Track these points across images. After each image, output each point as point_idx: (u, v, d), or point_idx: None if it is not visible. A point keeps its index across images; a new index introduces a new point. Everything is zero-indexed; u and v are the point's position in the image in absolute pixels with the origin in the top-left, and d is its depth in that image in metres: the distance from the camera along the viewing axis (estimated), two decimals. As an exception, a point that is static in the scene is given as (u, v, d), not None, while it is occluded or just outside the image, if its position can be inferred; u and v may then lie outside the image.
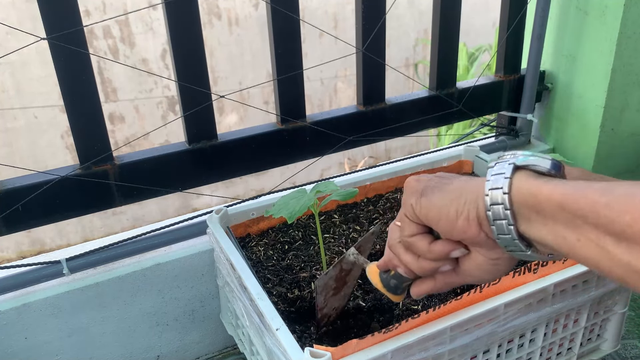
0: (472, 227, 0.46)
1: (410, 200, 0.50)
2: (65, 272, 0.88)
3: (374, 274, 0.62)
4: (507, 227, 0.44)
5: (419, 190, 0.50)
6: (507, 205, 0.43)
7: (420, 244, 0.51)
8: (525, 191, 0.43)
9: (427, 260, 0.52)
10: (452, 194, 0.48)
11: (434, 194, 0.49)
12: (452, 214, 0.47)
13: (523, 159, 0.44)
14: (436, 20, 1.11)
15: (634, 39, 1.13)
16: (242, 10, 2.94)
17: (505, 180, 0.44)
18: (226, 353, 1.05)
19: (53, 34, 0.77)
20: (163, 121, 2.94)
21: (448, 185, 0.49)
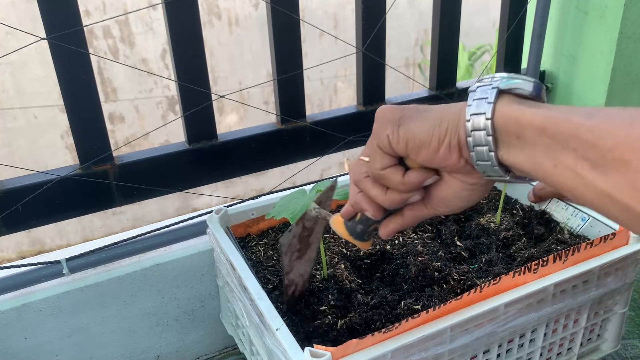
0: (453, 155, 0.45)
1: (386, 131, 0.47)
2: (65, 272, 0.88)
3: (338, 224, 0.58)
4: (488, 153, 0.43)
5: (394, 119, 0.47)
6: (489, 131, 0.42)
7: (393, 176, 0.48)
8: (508, 116, 0.41)
9: (396, 192, 0.49)
10: (433, 121, 0.45)
11: (413, 122, 0.46)
12: (434, 142, 0.45)
13: (507, 82, 0.42)
14: (436, 20, 1.11)
15: (634, 39, 1.13)
16: (242, 10, 2.94)
17: (489, 105, 0.42)
18: (226, 353, 1.05)
19: (53, 34, 0.77)
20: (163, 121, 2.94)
21: (427, 113, 0.46)
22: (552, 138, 0.39)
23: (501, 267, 0.81)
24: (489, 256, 0.84)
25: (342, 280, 0.79)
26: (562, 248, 0.83)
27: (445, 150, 0.44)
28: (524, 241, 0.88)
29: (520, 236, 0.89)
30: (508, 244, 0.88)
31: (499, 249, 0.86)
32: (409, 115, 0.47)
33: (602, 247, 0.76)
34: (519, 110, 0.41)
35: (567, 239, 0.87)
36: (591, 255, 0.75)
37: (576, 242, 0.86)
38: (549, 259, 0.72)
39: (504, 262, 0.83)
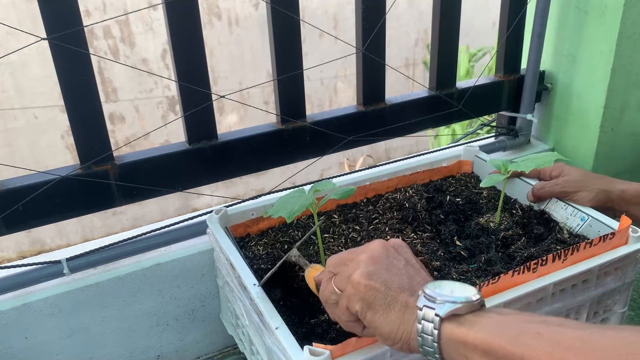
0: (404, 350, 0.56)
1: (356, 306, 0.57)
2: (65, 272, 0.88)
3: (310, 280, 0.71)
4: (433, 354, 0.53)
5: (365, 299, 0.57)
6: (437, 351, 0.52)
7: (354, 328, 0.61)
8: (454, 340, 0.51)
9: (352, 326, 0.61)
10: (391, 325, 0.55)
11: (378, 315, 0.56)
12: (390, 339, 0.55)
13: (445, 308, 0.52)
14: (436, 20, 1.11)
15: (634, 39, 1.13)
16: (242, 10, 2.94)
17: (435, 331, 0.52)
18: (226, 353, 1.05)
19: (53, 34, 0.77)
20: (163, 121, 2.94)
21: (389, 310, 0.55)
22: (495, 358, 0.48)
23: (500, 266, 0.81)
24: (488, 256, 0.84)
25: (342, 280, 0.79)
26: (562, 247, 0.83)
27: (398, 347, 0.55)
28: (523, 241, 0.88)
29: (520, 236, 0.89)
30: (507, 244, 0.88)
31: (499, 249, 0.86)
32: (378, 304, 0.56)
33: (601, 246, 0.76)
34: (461, 333, 0.51)
35: (566, 239, 0.87)
36: (590, 254, 0.75)
37: (575, 242, 0.86)
38: (548, 258, 0.72)
39: (504, 261, 0.83)
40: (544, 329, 0.47)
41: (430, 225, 0.93)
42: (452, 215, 0.94)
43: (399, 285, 0.57)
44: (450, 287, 0.55)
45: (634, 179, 0.92)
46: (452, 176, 1.09)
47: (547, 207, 0.94)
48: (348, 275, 0.59)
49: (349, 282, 0.59)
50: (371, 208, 0.98)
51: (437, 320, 0.52)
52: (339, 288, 0.60)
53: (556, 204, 0.93)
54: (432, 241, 0.88)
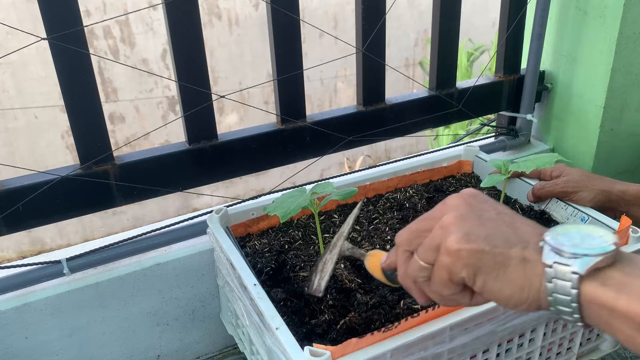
0: (530, 310, 0.47)
1: (461, 274, 0.48)
2: (65, 272, 0.88)
3: (375, 268, 0.63)
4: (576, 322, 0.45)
5: (470, 265, 0.47)
6: (577, 312, 0.44)
7: (462, 300, 0.51)
8: (597, 303, 0.43)
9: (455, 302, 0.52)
10: (512, 285, 0.46)
11: (492, 278, 0.47)
12: (512, 302, 0.47)
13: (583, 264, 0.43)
14: (436, 20, 1.11)
15: (634, 39, 1.13)
16: (242, 10, 2.94)
17: (574, 291, 0.44)
18: (226, 353, 1.05)
19: (53, 34, 0.77)
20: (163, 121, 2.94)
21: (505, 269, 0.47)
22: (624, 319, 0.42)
23: (501, 266, 0.81)
24: (488, 256, 0.84)
25: (342, 280, 0.79)
26: (562, 248, 0.83)
27: (524, 309, 0.47)
28: (523, 241, 0.88)
29: (520, 236, 0.89)
30: (508, 244, 0.88)
31: (499, 249, 0.86)
32: (488, 267, 0.47)
33: (601, 246, 0.76)
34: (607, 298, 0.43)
35: (566, 239, 0.87)
36: (590, 255, 0.75)
37: (576, 242, 0.86)
38: (549, 258, 0.72)
39: (504, 261, 0.83)
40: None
41: (430, 225, 0.93)
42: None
43: (504, 239, 0.48)
44: (579, 234, 0.46)
45: (634, 179, 0.92)
46: (452, 176, 1.09)
47: (548, 207, 0.94)
48: (436, 245, 0.50)
49: (442, 252, 0.49)
50: (371, 208, 0.98)
51: (576, 278, 0.43)
52: (427, 262, 0.51)
53: (556, 204, 0.93)
54: (432, 241, 0.88)
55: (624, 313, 0.42)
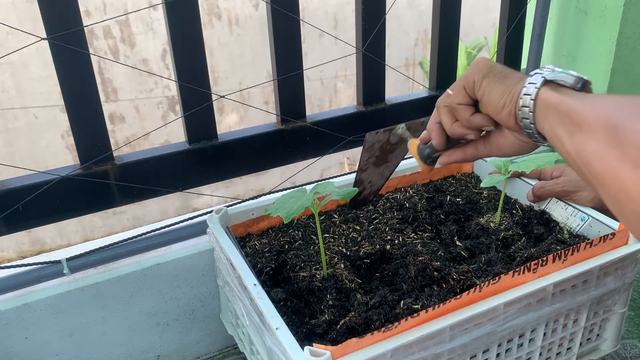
0: (511, 119, 0.58)
1: (475, 77, 0.60)
2: (65, 272, 0.88)
3: (413, 145, 0.73)
4: (529, 124, 0.56)
5: (485, 71, 0.59)
6: (531, 109, 0.55)
7: (464, 112, 0.62)
8: (544, 98, 0.54)
9: (460, 126, 0.64)
10: (505, 88, 0.58)
11: (493, 82, 0.59)
12: (500, 105, 0.58)
13: (552, 74, 0.55)
14: (436, 20, 1.11)
15: (634, 39, 1.13)
16: (242, 10, 2.94)
17: (535, 89, 0.55)
18: (226, 353, 1.05)
19: (53, 34, 0.77)
20: (163, 121, 2.94)
21: (505, 80, 0.58)
22: (558, 114, 0.52)
23: (501, 266, 0.81)
24: (488, 256, 0.84)
25: (342, 280, 0.79)
26: (562, 248, 0.83)
27: (505, 114, 0.58)
28: (523, 241, 0.88)
29: (520, 236, 0.89)
30: (507, 244, 0.88)
31: (499, 249, 0.86)
32: (495, 74, 0.59)
33: (601, 247, 0.76)
34: (550, 95, 0.54)
35: (566, 239, 0.87)
36: (590, 255, 0.75)
37: (575, 242, 0.86)
38: (549, 258, 0.72)
39: (504, 261, 0.83)
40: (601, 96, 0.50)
41: (430, 225, 0.93)
42: (452, 216, 0.94)
43: (514, 71, 0.60)
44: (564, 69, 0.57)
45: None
46: (452, 176, 1.09)
47: (548, 207, 0.94)
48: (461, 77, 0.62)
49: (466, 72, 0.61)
50: (372, 208, 0.98)
51: (541, 80, 0.54)
52: (452, 89, 0.63)
53: (556, 204, 0.93)
54: (432, 241, 0.88)
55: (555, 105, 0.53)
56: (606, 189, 0.45)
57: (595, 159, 0.45)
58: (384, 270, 0.83)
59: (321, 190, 0.79)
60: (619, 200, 0.44)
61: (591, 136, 0.46)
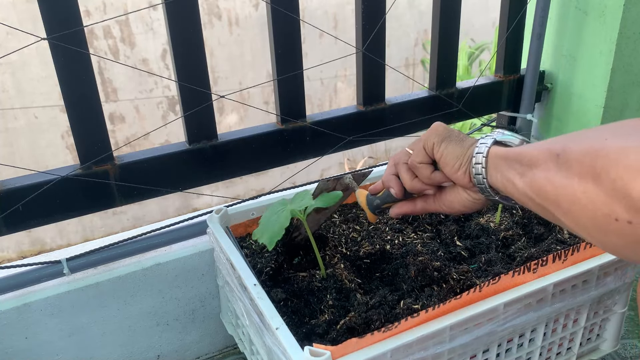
0: (465, 177, 0.63)
1: (433, 139, 0.65)
2: (65, 272, 0.88)
3: (362, 195, 0.76)
4: (482, 179, 0.60)
5: (443, 135, 0.65)
6: (484, 165, 0.60)
7: (424, 170, 0.66)
8: (494, 154, 0.59)
9: (420, 182, 0.68)
10: (461, 150, 0.63)
11: (451, 145, 0.64)
12: (456, 165, 0.63)
13: (502, 137, 0.62)
14: (436, 20, 1.11)
15: (634, 39, 1.13)
16: (242, 10, 2.94)
17: (486, 148, 0.60)
18: (226, 352, 1.05)
19: (53, 34, 0.77)
20: (163, 121, 2.94)
21: (461, 143, 0.64)
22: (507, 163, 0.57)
23: (501, 266, 0.81)
24: (488, 256, 0.84)
25: (342, 280, 0.79)
26: (562, 248, 0.83)
27: (461, 174, 0.63)
28: (523, 241, 0.88)
29: (520, 236, 0.89)
30: (507, 244, 0.88)
31: (499, 249, 0.86)
32: (452, 138, 0.65)
33: (601, 246, 0.76)
34: (500, 150, 0.59)
35: (566, 239, 0.87)
36: (590, 255, 0.75)
37: (575, 242, 0.86)
38: (549, 258, 0.72)
39: (504, 261, 0.83)
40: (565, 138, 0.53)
41: (430, 225, 0.93)
42: (452, 215, 0.94)
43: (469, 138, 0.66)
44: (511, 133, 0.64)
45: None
46: (452, 176, 1.09)
47: (547, 207, 0.94)
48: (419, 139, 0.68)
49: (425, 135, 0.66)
50: (371, 208, 0.98)
51: (491, 141, 0.61)
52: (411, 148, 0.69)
53: (556, 204, 0.93)
54: (432, 241, 0.88)
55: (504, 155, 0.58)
56: (561, 208, 0.48)
57: (547, 184, 0.50)
58: (384, 270, 0.83)
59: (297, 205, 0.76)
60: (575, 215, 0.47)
61: (540, 168, 0.51)
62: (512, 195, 0.57)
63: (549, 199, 0.50)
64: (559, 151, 0.50)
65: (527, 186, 0.53)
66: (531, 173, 0.53)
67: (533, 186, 0.52)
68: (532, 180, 0.52)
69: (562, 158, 0.49)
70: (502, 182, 0.58)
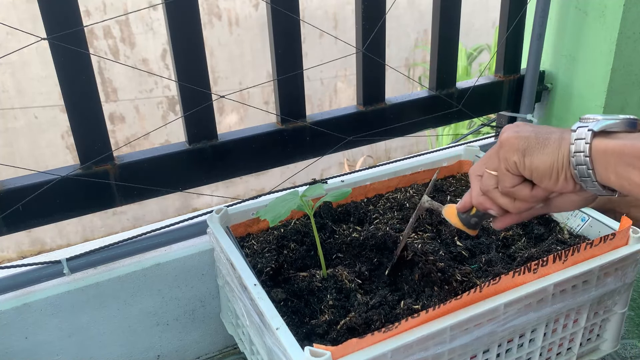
0: (569, 184, 0.55)
1: (513, 158, 0.57)
2: (65, 272, 0.88)
3: (452, 215, 0.69)
4: (592, 182, 0.53)
5: (520, 149, 0.57)
6: (589, 166, 0.53)
7: (522, 192, 0.59)
8: (601, 150, 0.52)
9: (524, 204, 0.60)
10: (550, 156, 0.55)
11: (536, 155, 0.56)
12: (553, 177, 0.55)
13: (599, 124, 0.53)
14: (436, 20, 1.11)
15: (634, 39, 1.13)
16: (242, 10, 2.94)
17: (586, 145, 0.53)
18: (226, 353, 1.05)
19: (53, 34, 0.77)
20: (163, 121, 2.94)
21: (546, 148, 0.56)
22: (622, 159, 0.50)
23: (501, 267, 0.81)
24: (489, 256, 0.84)
25: (342, 280, 0.79)
26: (562, 248, 0.83)
27: (563, 182, 0.56)
28: (523, 241, 0.88)
29: (520, 236, 0.89)
30: (508, 244, 0.88)
31: (499, 249, 0.86)
32: (533, 147, 0.56)
33: (601, 247, 0.76)
34: (609, 143, 0.52)
35: (566, 239, 0.87)
36: (591, 255, 0.75)
37: (576, 242, 0.86)
38: (549, 259, 0.72)
39: (504, 262, 0.83)
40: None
41: (431, 225, 0.93)
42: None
43: (546, 131, 0.57)
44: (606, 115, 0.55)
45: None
46: (452, 176, 1.09)
47: (548, 207, 0.94)
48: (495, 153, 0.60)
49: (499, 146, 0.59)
50: (372, 208, 0.98)
51: (590, 134, 0.53)
52: (492, 169, 0.60)
53: (556, 204, 0.93)
54: (432, 241, 0.88)
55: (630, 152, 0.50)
56: None
57: None
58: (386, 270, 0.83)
59: (310, 193, 0.78)
60: None
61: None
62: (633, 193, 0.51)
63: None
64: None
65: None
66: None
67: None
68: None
69: None
70: (621, 182, 0.51)
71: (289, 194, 0.80)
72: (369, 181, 1.01)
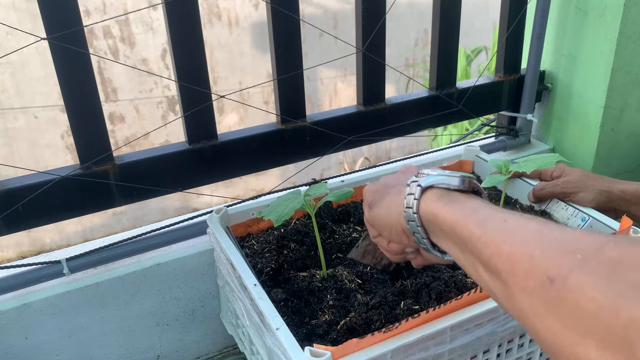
0: (404, 237, 0.55)
1: (365, 211, 0.60)
2: (65, 272, 0.88)
3: None
4: (422, 239, 0.52)
5: (367, 202, 0.60)
6: (418, 223, 0.51)
7: (382, 244, 0.62)
8: (429, 212, 0.51)
9: (393, 251, 0.62)
10: (386, 209, 0.56)
11: (375, 208, 0.58)
12: (389, 227, 0.56)
13: (428, 180, 0.52)
14: (436, 20, 1.11)
15: (634, 39, 1.13)
16: (242, 10, 2.94)
17: (415, 201, 0.52)
18: (226, 353, 1.05)
19: (53, 34, 0.77)
20: (163, 121, 2.94)
21: (383, 201, 0.57)
22: (459, 237, 0.47)
23: (501, 267, 0.81)
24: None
25: (342, 280, 0.79)
26: (562, 248, 0.83)
27: (398, 234, 0.55)
28: (523, 241, 0.88)
29: (520, 236, 0.89)
30: (508, 244, 0.88)
31: (499, 249, 0.86)
32: (377, 200, 0.58)
33: (602, 247, 0.76)
34: (436, 208, 0.50)
35: (567, 239, 0.87)
36: (591, 255, 0.75)
37: (576, 242, 0.86)
38: (549, 258, 0.72)
39: (504, 262, 0.83)
40: (512, 218, 0.44)
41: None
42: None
43: (395, 182, 0.59)
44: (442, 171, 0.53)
45: (634, 179, 0.92)
46: (452, 176, 1.09)
47: (548, 207, 0.94)
48: None
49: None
50: (371, 208, 0.98)
51: (419, 190, 0.52)
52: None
53: (557, 204, 0.93)
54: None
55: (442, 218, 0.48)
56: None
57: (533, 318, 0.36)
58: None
59: (313, 192, 0.78)
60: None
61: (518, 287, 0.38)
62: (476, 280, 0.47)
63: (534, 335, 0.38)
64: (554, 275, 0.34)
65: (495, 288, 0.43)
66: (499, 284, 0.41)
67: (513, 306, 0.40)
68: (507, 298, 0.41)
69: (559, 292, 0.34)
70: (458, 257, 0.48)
71: (291, 193, 0.80)
72: (368, 181, 1.01)
